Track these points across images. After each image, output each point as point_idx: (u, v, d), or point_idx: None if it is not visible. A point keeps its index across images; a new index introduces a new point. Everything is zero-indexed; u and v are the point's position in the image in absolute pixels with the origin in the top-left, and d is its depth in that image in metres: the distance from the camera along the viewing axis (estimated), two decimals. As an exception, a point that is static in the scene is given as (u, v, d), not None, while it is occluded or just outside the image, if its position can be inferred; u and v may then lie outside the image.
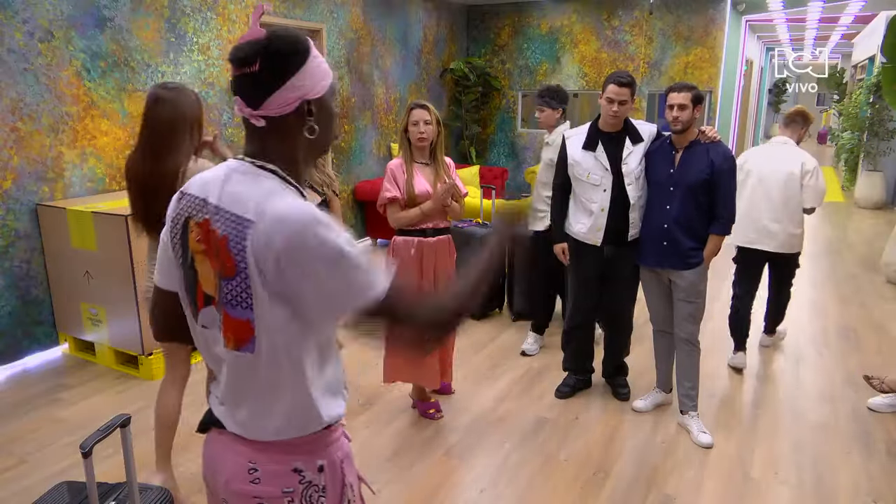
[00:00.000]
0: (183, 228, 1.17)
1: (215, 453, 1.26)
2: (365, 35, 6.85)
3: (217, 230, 1.11)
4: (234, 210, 1.09)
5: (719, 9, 7.76)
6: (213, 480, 1.28)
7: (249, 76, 1.11)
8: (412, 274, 3.13)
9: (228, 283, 1.10)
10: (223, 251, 1.09)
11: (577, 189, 3.33)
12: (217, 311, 1.15)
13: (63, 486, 1.77)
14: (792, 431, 3.27)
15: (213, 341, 1.19)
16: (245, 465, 1.19)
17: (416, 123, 3.04)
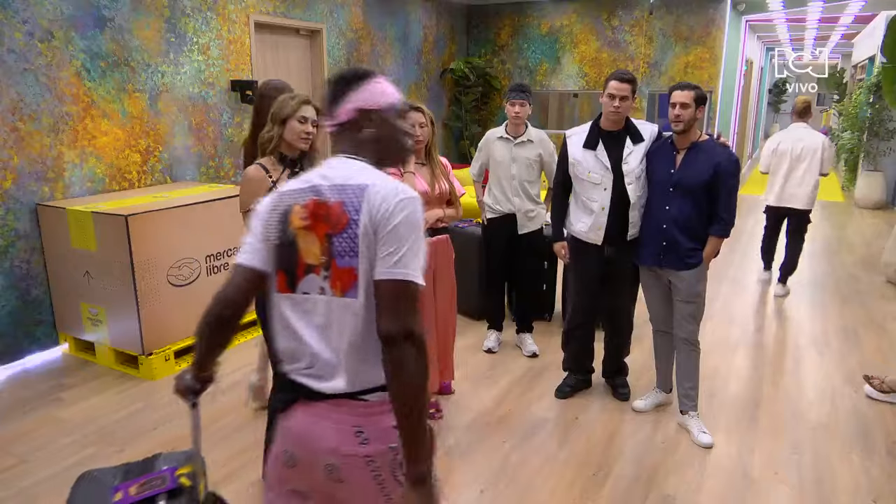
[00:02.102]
0: (282, 216, 1.41)
1: (310, 424, 1.37)
2: (365, 35, 6.85)
3: (328, 201, 1.36)
4: (346, 182, 1.37)
5: (719, 9, 7.76)
6: (308, 451, 1.38)
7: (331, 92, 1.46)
8: None
9: (338, 238, 1.33)
10: (335, 213, 1.34)
11: (577, 188, 3.33)
12: (322, 273, 1.36)
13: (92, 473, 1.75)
14: (792, 431, 3.27)
15: (312, 306, 1.38)
16: (351, 429, 1.33)
17: (411, 126, 3.03)
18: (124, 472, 1.66)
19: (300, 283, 1.39)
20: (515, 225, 4.00)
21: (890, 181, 9.88)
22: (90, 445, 3.07)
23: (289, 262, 1.40)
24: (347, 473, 1.35)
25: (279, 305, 1.44)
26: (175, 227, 3.87)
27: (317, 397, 1.37)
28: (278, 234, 1.41)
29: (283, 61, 5.96)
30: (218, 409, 3.43)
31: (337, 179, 1.39)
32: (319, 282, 1.37)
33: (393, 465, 1.36)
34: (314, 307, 1.38)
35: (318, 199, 1.37)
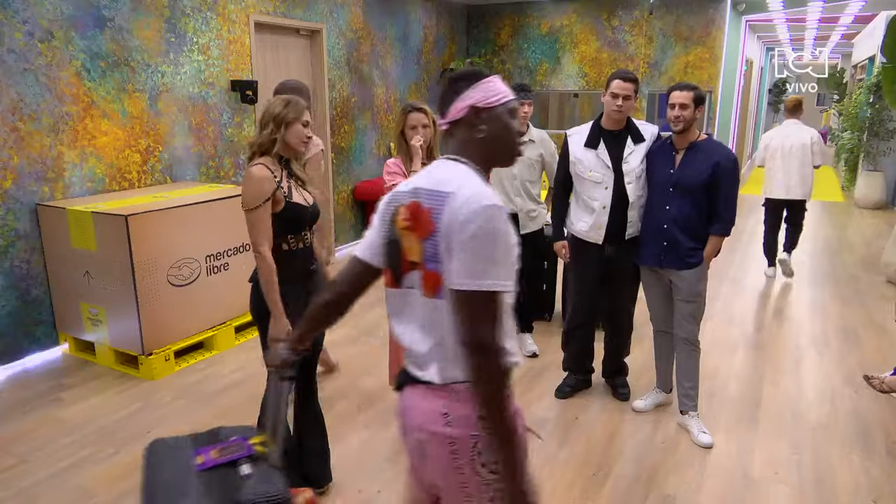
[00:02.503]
0: (392, 215, 1.49)
1: (411, 402, 1.52)
2: (365, 35, 6.85)
3: (422, 205, 1.42)
4: (438, 188, 1.41)
5: (719, 9, 7.76)
6: (405, 426, 1.55)
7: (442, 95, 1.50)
8: None
9: (428, 243, 1.40)
10: (425, 218, 1.40)
11: (578, 187, 3.34)
12: (419, 271, 1.43)
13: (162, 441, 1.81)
14: (792, 431, 3.27)
15: (412, 300, 1.47)
16: (439, 411, 1.45)
17: (414, 128, 3.04)
18: (192, 440, 1.71)
19: (404, 279, 1.48)
20: (517, 225, 4.01)
21: (890, 181, 9.88)
22: (90, 445, 3.08)
23: (394, 259, 1.49)
24: (430, 450, 1.48)
25: (388, 298, 1.54)
26: (175, 227, 3.87)
27: (416, 382, 1.50)
28: (387, 232, 1.52)
29: (283, 61, 5.96)
30: (213, 411, 3.43)
31: (432, 184, 1.44)
32: (417, 279, 1.45)
33: (472, 451, 1.44)
34: (413, 301, 1.47)
35: (418, 202, 1.44)
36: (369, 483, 2.79)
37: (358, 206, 6.96)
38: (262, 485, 1.48)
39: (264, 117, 2.41)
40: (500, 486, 1.39)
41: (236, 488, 1.47)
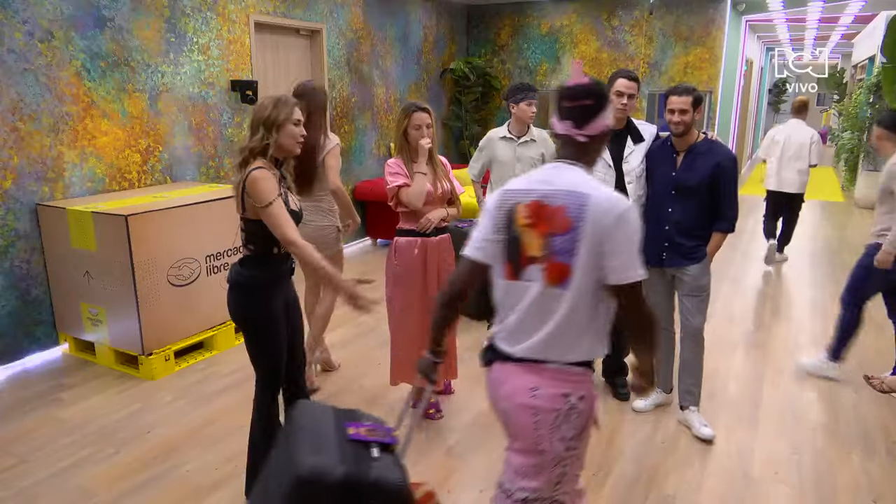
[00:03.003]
0: (508, 214, 1.68)
1: (501, 377, 1.74)
2: (365, 35, 6.85)
3: (550, 203, 1.61)
4: (571, 189, 1.61)
5: (719, 9, 7.76)
6: (495, 397, 1.78)
7: (583, 107, 1.66)
8: (417, 273, 3.12)
9: (559, 238, 1.59)
10: (557, 216, 1.59)
11: None
12: (540, 264, 1.63)
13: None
14: (792, 431, 3.27)
15: (524, 290, 1.67)
16: (528, 385, 1.67)
17: (418, 128, 3.03)
18: (335, 411, 1.84)
19: (523, 272, 1.67)
20: None
21: (890, 181, 9.87)
22: (90, 445, 3.08)
23: (514, 254, 1.68)
24: (514, 418, 1.71)
25: (503, 289, 1.74)
26: (175, 227, 3.87)
27: (510, 358, 1.71)
28: (505, 230, 1.69)
29: (283, 61, 5.96)
30: (213, 411, 3.43)
31: (562, 185, 1.63)
32: (537, 271, 1.64)
33: (554, 423, 1.66)
34: (527, 291, 1.67)
35: (541, 201, 1.63)
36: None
37: (358, 206, 6.96)
38: (388, 470, 1.62)
39: (254, 121, 2.34)
40: (642, 378, 1.77)
41: (367, 466, 1.61)
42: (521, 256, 1.65)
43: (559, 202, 1.60)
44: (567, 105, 1.68)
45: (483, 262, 1.75)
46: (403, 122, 3.06)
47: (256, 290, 2.42)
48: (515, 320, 1.70)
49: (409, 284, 3.12)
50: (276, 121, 2.33)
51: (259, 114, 2.34)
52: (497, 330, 1.78)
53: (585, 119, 1.66)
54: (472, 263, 1.77)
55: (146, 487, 2.75)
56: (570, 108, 1.68)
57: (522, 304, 1.68)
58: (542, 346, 1.66)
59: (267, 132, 2.32)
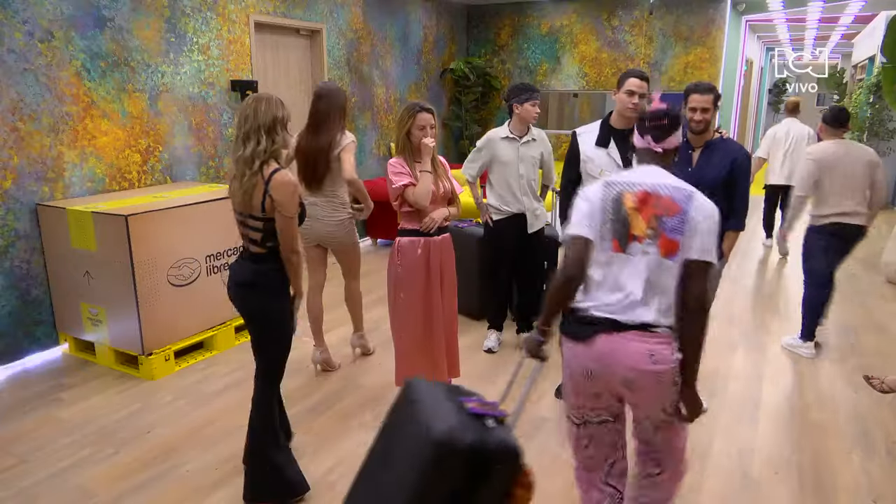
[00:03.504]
0: (615, 200, 2.00)
1: (613, 347, 1.95)
2: (365, 35, 6.85)
3: (658, 194, 1.97)
4: (677, 185, 2.00)
5: (719, 9, 7.76)
6: (608, 369, 1.97)
7: (660, 126, 2.08)
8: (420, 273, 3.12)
9: (670, 219, 1.94)
10: (665, 203, 1.96)
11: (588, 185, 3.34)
12: (646, 241, 1.95)
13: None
14: (792, 431, 3.27)
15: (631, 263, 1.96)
16: (646, 352, 1.92)
17: (422, 128, 3.03)
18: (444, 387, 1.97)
19: (629, 247, 1.97)
20: (524, 225, 4.01)
21: (890, 181, 9.87)
22: (90, 445, 3.07)
23: (621, 232, 1.98)
24: (640, 384, 1.95)
25: (609, 262, 2.00)
26: (175, 227, 3.87)
27: (620, 328, 1.94)
28: (613, 212, 2.00)
29: (283, 61, 5.96)
30: (213, 411, 3.43)
31: (664, 182, 2.01)
32: (642, 247, 1.95)
33: (671, 379, 1.96)
34: (636, 263, 1.96)
35: (648, 191, 1.99)
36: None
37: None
38: (508, 437, 1.76)
39: (267, 121, 2.37)
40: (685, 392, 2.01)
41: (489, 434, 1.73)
42: (628, 234, 1.98)
43: (666, 193, 1.98)
44: (648, 125, 2.10)
45: (591, 239, 2.01)
46: (407, 123, 3.05)
47: (277, 286, 2.51)
48: (625, 292, 1.96)
49: (412, 284, 3.11)
50: (286, 119, 2.41)
51: (270, 114, 2.37)
52: (593, 304, 2.00)
53: (662, 136, 2.09)
54: (583, 241, 2.03)
55: (146, 487, 2.75)
56: (650, 127, 2.10)
57: (634, 276, 1.96)
58: (657, 312, 1.95)
59: (278, 133, 2.39)
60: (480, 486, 1.73)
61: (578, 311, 2.03)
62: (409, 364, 3.20)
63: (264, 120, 2.37)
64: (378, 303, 4.68)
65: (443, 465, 1.69)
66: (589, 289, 2.03)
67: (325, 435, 3.18)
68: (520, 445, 1.75)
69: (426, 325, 3.17)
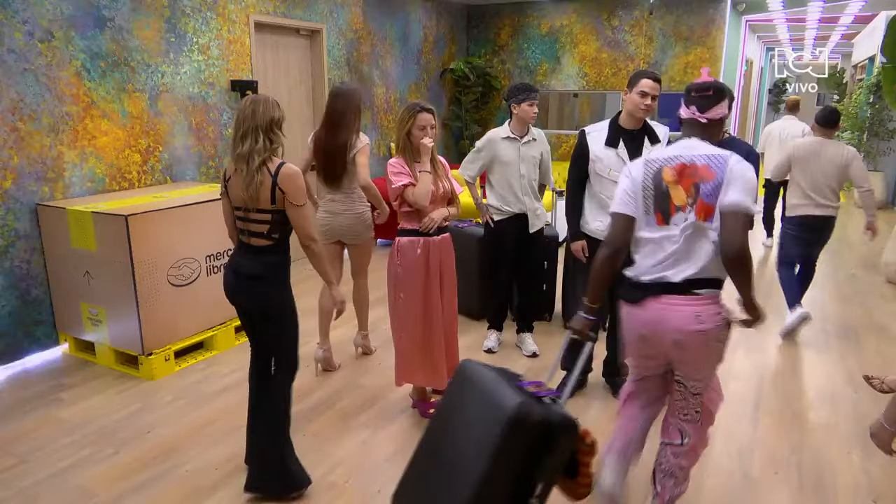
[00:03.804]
0: (655, 175, 2.16)
1: (661, 312, 2.13)
2: (365, 35, 6.85)
3: (695, 164, 2.12)
4: (710, 153, 2.13)
5: (719, 9, 7.76)
6: (657, 330, 2.15)
7: (706, 96, 2.21)
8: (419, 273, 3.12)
9: (706, 186, 2.08)
10: (702, 171, 2.10)
11: (596, 186, 3.33)
12: (687, 209, 2.10)
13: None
14: (792, 431, 3.27)
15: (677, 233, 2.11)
16: (692, 313, 2.09)
17: (423, 128, 3.04)
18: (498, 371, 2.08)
19: (672, 218, 2.13)
20: (525, 225, 4.01)
21: (890, 181, 9.88)
22: (90, 445, 3.07)
23: (664, 205, 2.14)
24: (689, 344, 2.12)
25: (653, 233, 2.16)
26: (175, 227, 3.87)
27: (667, 290, 2.11)
28: (654, 188, 2.15)
29: (283, 61, 5.96)
30: (213, 411, 3.43)
31: (702, 151, 2.14)
32: (684, 215, 2.11)
33: (717, 337, 2.11)
34: (678, 232, 2.11)
35: (685, 163, 2.13)
36: (369, 483, 2.79)
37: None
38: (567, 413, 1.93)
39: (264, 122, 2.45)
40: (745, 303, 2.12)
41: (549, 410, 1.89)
42: (670, 206, 2.13)
43: (703, 162, 2.11)
44: (694, 95, 2.22)
45: (632, 216, 2.19)
46: (408, 123, 3.05)
47: (284, 277, 2.61)
48: (670, 258, 2.13)
49: (411, 284, 3.11)
50: (281, 122, 2.51)
51: (273, 115, 2.48)
52: (640, 271, 2.19)
53: (707, 106, 2.21)
54: (624, 217, 2.20)
55: (146, 487, 2.75)
56: (695, 97, 2.22)
57: (677, 242, 2.12)
58: (699, 272, 2.09)
59: (275, 133, 2.49)
60: (545, 457, 1.91)
61: (629, 278, 2.22)
62: (409, 364, 3.20)
63: (262, 121, 2.44)
64: (378, 303, 4.68)
65: (515, 440, 1.86)
66: (636, 258, 2.22)
67: (325, 435, 3.18)
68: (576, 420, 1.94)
69: (426, 325, 3.17)
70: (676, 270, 2.11)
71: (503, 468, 1.87)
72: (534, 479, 1.94)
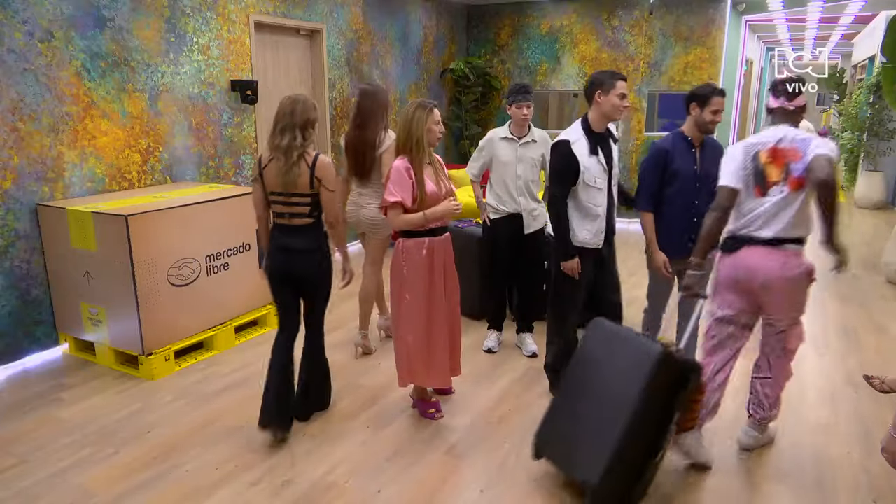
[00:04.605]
0: (754, 156, 2.71)
1: (754, 260, 2.68)
2: (365, 35, 6.85)
3: (785, 147, 2.66)
4: (797, 137, 2.68)
5: (719, 9, 7.76)
6: (750, 276, 2.70)
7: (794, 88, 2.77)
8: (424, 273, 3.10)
9: (796, 165, 2.63)
10: (792, 153, 2.65)
11: (583, 196, 3.25)
12: (781, 184, 2.66)
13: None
14: (792, 431, 3.27)
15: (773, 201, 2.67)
16: (779, 261, 2.65)
17: (438, 123, 3.03)
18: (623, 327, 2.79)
19: (768, 191, 2.68)
20: (521, 225, 4.01)
21: (890, 181, 9.87)
22: (90, 445, 3.08)
23: (761, 180, 2.70)
24: (775, 287, 2.68)
25: (751, 201, 2.71)
26: (175, 227, 3.87)
27: (760, 243, 2.67)
28: (753, 167, 2.71)
29: (283, 61, 5.96)
30: (213, 411, 3.43)
31: (790, 136, 2.69)
32: (778, 188, 2.66)
33: (798, 283, 2.68)
34: (772, 201, 2.66)
35: (777, 146, 2.68)
36: (369, 483, 2.79)
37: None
38: (693, 357, 2.50)
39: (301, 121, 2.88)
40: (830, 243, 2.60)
41: (683, 354, 2.50)
42: (766, 182, 2.68)
43: (791, 145, 2.66)
44: (781, 87, 2.75)
45: (737, 188, 2.71)
46: (426, 120, 2.99)
47: (326, 248, 3.09)
48: (767, 218, 2.66)
49: (419, 285, 3.10)
50: (315, 122, 2.96)
51: (310, 116, 2.91)
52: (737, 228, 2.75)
53: (794, 96, 2.76)
54: (731, 189, 2.72)
55: (146, 487, 2.75)
56: (783, 89, 2.75)
57: (766, 208, 2.66)
58: (788, 229, 2.65)
59: (309, 132, 2.92)
60: (680, 391, 2.49)
61: (730, 235, 2.76)
62: (414, 365, 3.19)
63: (299, 120, 2.88)
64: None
65: (663, 375, 2.42)
66: (737, 220, 2.75)
67: (325, 435, 3.18)
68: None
69: (432, 326, 3.16)
70: (768, 229, 2.66)
71: (653, 398, 2.42)
72: (673, 409, 2.49)
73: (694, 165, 3.31)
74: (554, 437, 2.70)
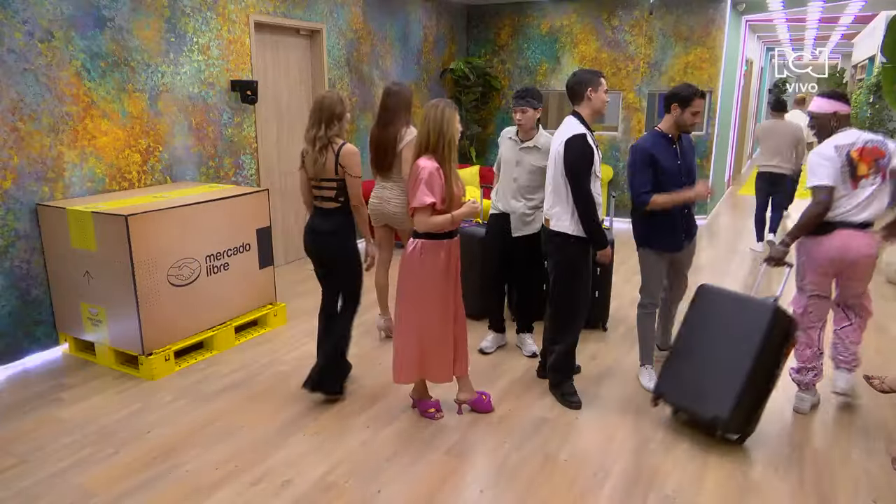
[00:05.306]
0: (847, 155, 3.13)
1: (848, 240, 3.16)
2: (365, 35, 6.85)
3: (868, 146, 3.14)
4: (873, 138, 3.18)
5: (719, 9, 7.76)
6: (842, 254, 3.19)
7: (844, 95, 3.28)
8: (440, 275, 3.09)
9: (882, 160, 3.14)
10: (875, 151, 3.14)
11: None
12: (871, 178, 3.13)
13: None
14: (792, 431, 3.27)
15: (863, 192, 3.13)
16: (865, 242, 3.17)
17: (459, 121, 3.04)
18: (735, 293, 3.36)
19: (860, 184, 3.13)
20: (508, 225, 3.98)
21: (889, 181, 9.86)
22: (90, 445, 3.08)
23: (854, 174, 3.13)
24: (861, 263, 3.22)
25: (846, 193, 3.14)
26: (175, 227, 3.87)
27: (852, 227, 3.15)
28: (847, 165, 3.13)
29: (283, 61, 5.96)
30: (213, 411, 3.43)
31: (867, 137, 3.17)
32: (869, 181, 3.13)
33: (875, 257, 3.21)
34: (865, 191, 3.14)
35: (863, 145, 3.14)
36: (369, 483, 2.79)
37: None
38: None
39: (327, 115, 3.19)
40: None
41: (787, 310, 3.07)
42: (857, 176, 3.13)
43: (872, 144, 3.14)
44: (840, 96, 3.24)
45: (834, 185, 3.12)
46: (455, 120, 2.99)
47: (350, 231, 3.40)
48: (859, 206, 3.13)
49: (439, 286, 3.10)
50: (341, 115, 3.25)
51: (332, 109, 3.21)
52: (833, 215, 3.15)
53: (848, 101, 3.26)
54: (830, 188, 3.13)
55: (146, 487, 2.75)
56: (842, 97, 3.24)
57: (864, 198, 3.13)
58: (872, 216, 3.15)
59: (334, 124, 3.23)
60: (784, 342, 3.04)
61: (827, 221, 3.16)
62: (415, 363, 3.18)
63: (326, 114, 3.21)
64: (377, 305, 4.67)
65: (777, 326, 2.98)
66: (834, 209, 3.14)
67: (325, 435, 3.18)
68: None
69: (446, 323, 3.16)
70: (863, 214, 3.13)
71: (768, 346, 2.95)
72: (780, 357, 3.03)
73: (677, 161, 3.45)
74: (677, 386, 3.19)
